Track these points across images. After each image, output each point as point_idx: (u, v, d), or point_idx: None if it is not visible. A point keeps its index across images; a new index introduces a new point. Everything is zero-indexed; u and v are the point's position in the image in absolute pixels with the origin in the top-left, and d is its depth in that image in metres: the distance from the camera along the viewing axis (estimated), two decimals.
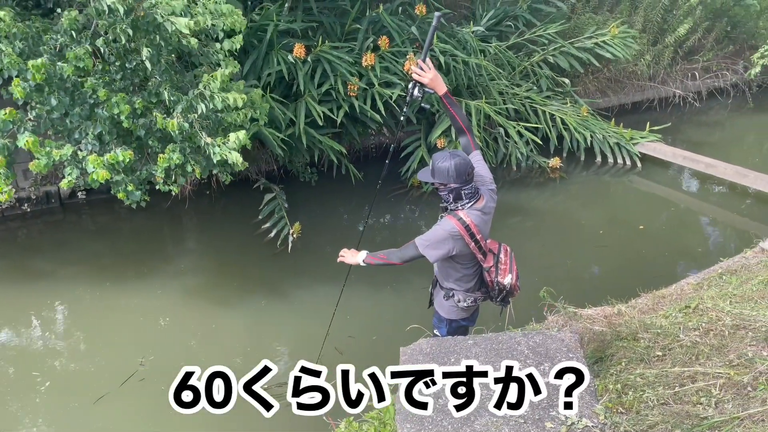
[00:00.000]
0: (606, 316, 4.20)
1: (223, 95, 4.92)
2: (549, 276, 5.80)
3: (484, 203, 3.19)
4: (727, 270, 4.84)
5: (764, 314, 3.66)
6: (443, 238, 3.12)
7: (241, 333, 5.24)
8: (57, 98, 4.81)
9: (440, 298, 3.46)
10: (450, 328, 3.49)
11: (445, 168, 3.08)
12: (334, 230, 6.97)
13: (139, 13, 4.74)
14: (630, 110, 10.82)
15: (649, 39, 10.80)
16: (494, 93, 8.32)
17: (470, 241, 3.11)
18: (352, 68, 7.16)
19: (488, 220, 3.23)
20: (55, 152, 4.78)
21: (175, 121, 4.87)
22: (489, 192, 3.26)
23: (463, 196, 3.13)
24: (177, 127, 4.89)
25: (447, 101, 3.35)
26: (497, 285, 3.23)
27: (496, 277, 3.21)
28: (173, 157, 5.00)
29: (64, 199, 7.13)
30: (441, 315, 3.50)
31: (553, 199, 7.94)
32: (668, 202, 7.88)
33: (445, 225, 3.13)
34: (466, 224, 3.08)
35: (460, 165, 3.07)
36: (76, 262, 6.15)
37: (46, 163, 4.75)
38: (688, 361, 3.31)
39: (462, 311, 3.41)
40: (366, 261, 3.38)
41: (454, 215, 3.12)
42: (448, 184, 3.11)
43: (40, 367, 4.81)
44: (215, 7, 4.89)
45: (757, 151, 9.94)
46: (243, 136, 4.94)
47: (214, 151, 4.94)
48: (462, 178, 3.09)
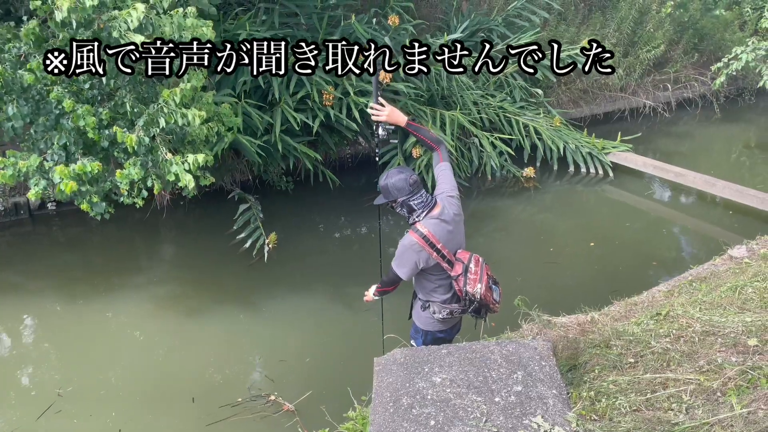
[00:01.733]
0: (579, 324, 4.24)
1: (182, 111, 4.86)
2: (523, 284, 5.84)
3: (440, 210, 3.22)
4: (697, 277, 4.93)
5: (733, 320, 3.73)
6: (405, 253, 3.18)
7: (215, 344, 5.17)
8: (16, 107, 4.72)
9: (417, 309, 3.48)
10: (426, 339, 3.50)
11: (386, 186, 3.24)
12: (310, 240, 6.94)
13: (100, 26, 4.68)
14: (602, 120, 11.00)
15: (620, 51, 11.01)
16: (469, 103, 8.40)
17: (431, 251, 3.13)
18: (327, 77, 7.17)
19: (453, 229, 3.23)
20: (21, 163, 4.69)
21: (134, 136, 4.79)
22: (447, 199, 3.29)
23: (414, 207, 3.21)
24: (136, 142, 4.82)
25: (411, 129, 3.48)
26: (466, 295, 3.22)
27: (464, 287, 3.20)
28: (132, 172, 4.93)
29: (33, 210, 7.00)
30: (418, 326, 3.51)
31: (527, 208, 8.02)
32: (639, 211, 8.01)
33: (404, 240, 3.19)
34: (423, 234, 3.12)
35: (398, 180, 3.21)
36: (46, 275, 6.02)
37: (12, 173, 4.66)
38: (659, 368, 3.35)
39: (438, 323, 3.41)
40: (376, 294, 3.55)
41: (413, 228, 3.18)
42: (396, 200, 3.22)
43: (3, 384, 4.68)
44: (178, 20, 4.84)
45: (725, 160, 10.17)
46: (202, 158, 4.89)
47: (170, 168, 4.88)
48: (406, 190, 3.19)
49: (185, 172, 4.83)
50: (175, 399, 4.49)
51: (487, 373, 2.68)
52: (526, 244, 7.00)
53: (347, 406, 3.87)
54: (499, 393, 2.56)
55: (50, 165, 4.81)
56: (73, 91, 4.93)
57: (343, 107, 7.40)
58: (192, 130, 5.04)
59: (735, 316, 3.78)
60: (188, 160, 4.86)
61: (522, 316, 4.37)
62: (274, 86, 6.92)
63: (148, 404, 4.48)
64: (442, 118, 8.08)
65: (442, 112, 8.13)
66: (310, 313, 5.56)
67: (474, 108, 8.46)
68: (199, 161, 4.86)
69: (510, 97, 9.15)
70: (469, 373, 2.69)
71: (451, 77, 8.19)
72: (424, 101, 8.31)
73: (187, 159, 4.87)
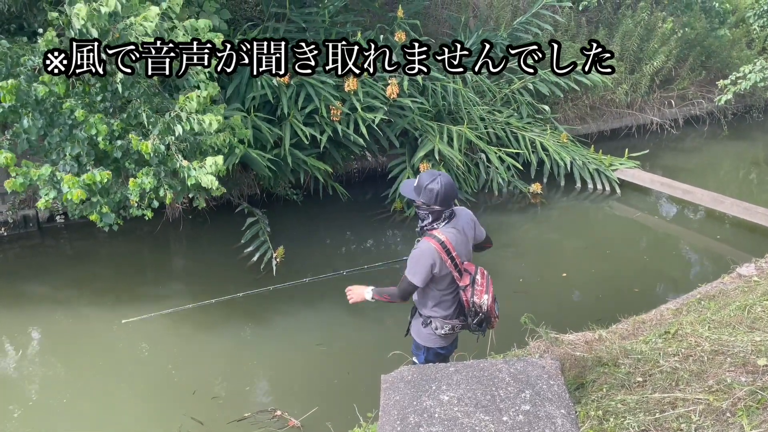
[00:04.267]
0: (587, 342, 4.22)
1: (199, 117, 4.89)
2: (530, 301, 5.82)
3: (457, 220, 3.24)
4: (706, 295, 4.90)
5: (742, 340, 3.70)
6: (421, 258, 3.14)
7: (222, 358, 5.17)
8: (30, 119, 4.77)
9: (418, 325, 3.45)
10: (428, 355, 3.48)
11: (435, 191, 3.11)
12: (316, 255, 6.94)
13: (115, 35, 4.74)
14: (609, 137, 11.00)
15: (626, 67, 11.04)
16: (476, 118, 8.43)
17: (447, 258, 3.13)
18: (335, 92, 7.23)
19: (465, 241, 3.25)
20: (33, 172, 4.72)
21: (150, 143, 4.82)
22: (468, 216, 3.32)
23: (441, 218, 3.19)
24: (152, 149, 4.85)
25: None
26: (473, 306, 3.22)
27: (472, 297, 3.20)
28: (145, 181, 4.95)
29: (42, 223, 7.04)
30: (419, 342, 3.48)
31: (533, 224, 8.01)
32: (647, 228, 7.99)
33: (421, 245, 3.17)
34: (441, 241, 3.12)
35: (449, 191, 3.12)
36: (54, 287, 6.04)
37: (22, 182, 4.69)
38: (668, 387, 3.33)
39: (440, 339, 3.40)
40: (373, 297, 3.40)
41: (429, 235, 3.16)
42: (431, 206, 3.15)
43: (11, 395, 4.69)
44: (191, 23, 4.89)
45: (733, 177, 10.14)
46: (220, 161, 4.92)
47: (189, 174, 4.90)
48: (447, 203, 3.14)
49: (207, 175, 4.84)
50: (181, 413, 4.48)
51: (495, 391, 2.67)
52: (533, 261, 6.99)
53: (353, 422, 3.86)
54: (507, 412, 2.54)
55: (61, 175, 4.85)
56: (86, 103, 4.98)
57: (351, 122, 7.45)
58: (206, 139, 5.07)
59: (744, 336, 3.76)
60: (207, 162, 4.88)
61: (529, 333, 4.36)
62: (282, 101, 6.97)
63: (153, 419, 4.47)
64: (449, 133, 8.10)
65: (449, 127, 8.15)
66: (317, 328, 5.55)
67: (481, 123, 8.49)
68: (218, 163, 4.87)
69: (517, 113, 9.17)
70: (476, 391, 2.67)
71: (457, 92, 8.23)
72: (430, 116, 8.35)
73: (206, 163, 4.89)
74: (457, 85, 8.22)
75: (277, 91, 6.96)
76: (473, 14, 10.41)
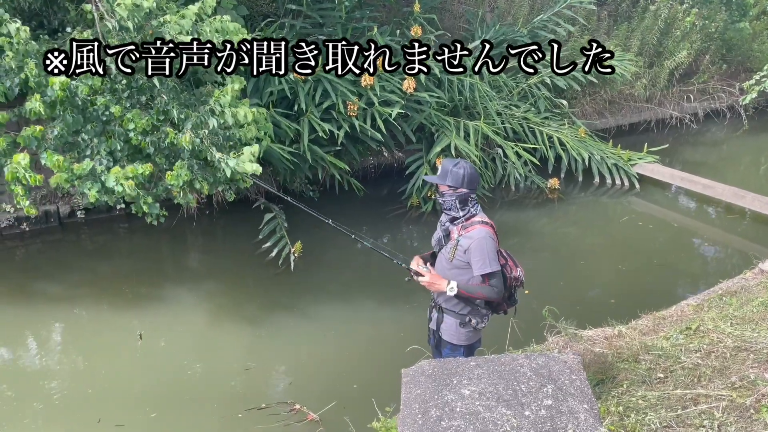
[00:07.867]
0: (607, 338, 4.19)
1: (234, 110, 4.96)
2: (548, 296, 5.78)
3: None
4: (727, 291, 4.85)
5: (765, 336, 3.66)
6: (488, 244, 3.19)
7: (240, 352, 5.21)
8: (71, 115, 4.83)
9: (454, 327, 3.40)
10: (466, 353, 3.46)
11: (462, 173, 3.20)
12: (333, 250, 6.96)
13: (148, 32, 4.78)
14: (627, 131, 10.89)
15: (646, 61, 10.92)
16: (492, 113, 8.39)
17: (497, 239, 3.26)
18: (352, 87, 7.23)
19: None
20: (76, 166, 4.77)
21: (188, 136, 4.87)
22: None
23: (469, 202, 3.25)
24: (189, 142, 4.91)
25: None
26: (516, 281, 3.35)
27: (511, 273, 3.33)
28: (182, 174, 5.00)
29: (63, 218, 7.13)
30: (455, 344, 3.44)
31: (551, 219, 7.96)
32: (666, 223, 7.91)
33: (481, 233, 3.20)
34: (491, 224, 3.26)
35: (474, 173, 3.24)
36: (74, 282, 6.13)
37: (67, 177, 4.75)
38: (690, 384, 3.31)
39: (477, 333, 3.43)
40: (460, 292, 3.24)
41: (477, 223, 3.23)
42: (458, 188, 3.21)
43: (35, 390, 4.76)
44: (222, 25, 4.93)
45: (754, 172, 10.00)
46: (256, 150, 4.97)
47: (229, 163, 4.93)
48: (473, 185, 3.23)
49: (247, 163, 4.87)
50: (199, 405, 4.52)
51: (516, 386, 2.66)
52: (550, 256, 6.95)
53: (371, 416, 3.87)
54: (529, 407, 2.54)
55: (101, 169, 4.90)
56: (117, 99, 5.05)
57: (368, 117, 7.45)
58: (237, 132, 5.13)
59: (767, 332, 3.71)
60: (245, 152, 4.94)
61: (548, 329, 4.34)
62: (300, 97, 6.99)
63: (173, 409, 4.52)
64: (465, 128, 8.07)
65: (465, 122, 8.13)
66: (335, 322, 5.57)
67: (498, 118, 8.44)
68: (254, 151, 4.93)
69: (534, 108, 9.11)
70: (498, 386, 2.67)
71: (474, 87, 8.19)
72: (447, 111, 8.32)
73: (243, 151, 4.95)
74: (473, 79, 8.18)
75: (294, 87, 6.98)
76: (490, 9, 10.34)
